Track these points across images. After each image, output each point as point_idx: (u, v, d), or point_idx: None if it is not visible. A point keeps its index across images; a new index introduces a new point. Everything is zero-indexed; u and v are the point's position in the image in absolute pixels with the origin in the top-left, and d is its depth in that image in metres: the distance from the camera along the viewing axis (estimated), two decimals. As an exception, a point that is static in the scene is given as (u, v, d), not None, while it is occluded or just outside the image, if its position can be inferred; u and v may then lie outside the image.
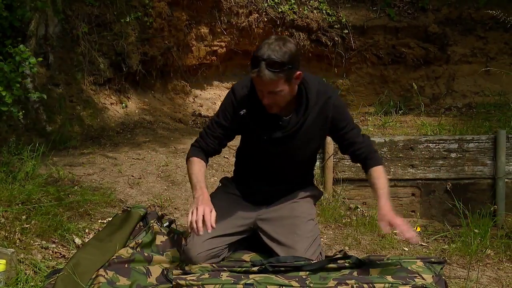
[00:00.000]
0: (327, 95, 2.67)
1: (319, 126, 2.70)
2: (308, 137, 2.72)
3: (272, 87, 2.46)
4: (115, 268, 2.55)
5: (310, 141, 2.74)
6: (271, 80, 2.43)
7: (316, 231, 2.86)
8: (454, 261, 3.15)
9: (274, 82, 2.44)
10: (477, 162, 4.05)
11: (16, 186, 3.61)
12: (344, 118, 2.73)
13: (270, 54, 2.40)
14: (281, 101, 2.56)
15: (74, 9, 6.41)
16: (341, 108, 2.73)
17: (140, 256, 2.64)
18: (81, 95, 6.24)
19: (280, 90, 2.48)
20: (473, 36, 7.53)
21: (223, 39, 7.48)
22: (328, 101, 2.66)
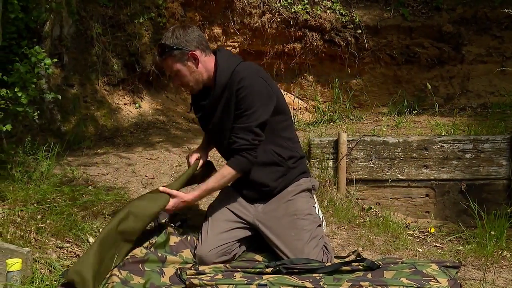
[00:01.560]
0: (238, 78, 2.78)
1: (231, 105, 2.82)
2: (225, 116, 2.85)
3: (168, 69, 2.90)
4: (129, 268, 2.56)
5: (228, 120, 2.85)
6: (163, 62, 2.85)
7: (315, 225, 2.86)
8: (469, 263, 3.13)
9: (167, 63, 2.84)
10: (492, 162, 4.01)
11: (32, 186, 3.64)
12: (246, 103, 2.77)
13: (162, 40, 2.81)
14: (186, 81, 2.87)
15: (89, 10, 6.45)
16: (248, 93, 2.76)
17: (154, 256, 2.65)
18: (95, 95, 6.28)
19: (177, 70, 2.84)
20: (489, 36, 7.46)
21: (236, 39, 7.49)
22: (238, 83, 2.77)
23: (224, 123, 2.85)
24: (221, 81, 2.79)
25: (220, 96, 2.81)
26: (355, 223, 3.83)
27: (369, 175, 4.30)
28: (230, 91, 2.79)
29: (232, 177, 2.82)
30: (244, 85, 2.75)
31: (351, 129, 5.49)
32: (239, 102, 2.76)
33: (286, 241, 2.76)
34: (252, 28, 7.39)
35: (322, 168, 4.38)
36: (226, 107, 2.81)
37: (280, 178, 2.93)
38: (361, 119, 6.45)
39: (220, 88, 2.80)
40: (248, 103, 2.75)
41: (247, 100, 2.75)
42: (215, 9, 7.21)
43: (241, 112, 2.77)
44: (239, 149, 2.77)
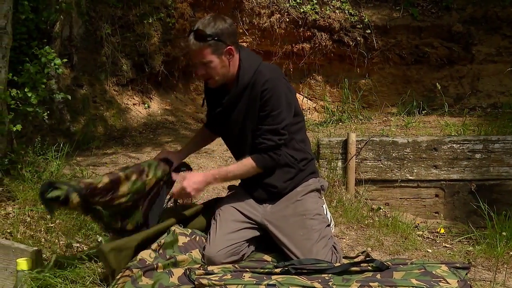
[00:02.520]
0: (264, 79, 2.77)
1: (254, 105, 2.79)
2: (246, 115, 2.82)
3: (200, 57, 2.72)
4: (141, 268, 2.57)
5: (248, 119, 2.82)
6: (198, 49, 2.69)
7: (323, 225, 2.86)
8: (479, 264, 3.11)
9: (201, 52, 2.70)
10: (502, 163, 3.98)
11: (41, 185, 3.65)
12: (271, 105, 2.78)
13: (199, 25, 2.69)
14: (213, 74, 2.77)
15: (98, 10, 6.48)
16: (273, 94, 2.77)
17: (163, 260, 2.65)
18: (105, 95, 6.31)
19: (209, 61, 2.72)
20: (499, 35, 7.41)
21: (245, 39, 7.50)
22: (263, 85, 2.76)
23: (246, 122, 2.84)
24: (244, 80, 2.80)
25: (241, 94, 2.81)
26: (364, 224, 3.82)
27: (378, 175, 4.28)
28: (254, 92, 2.78)
29: (253, 171, 2.84)
30: (269, 87, 2.76)
31: (360, 129, 5.48)
32: (264, 104, 2.77)
33: (295, 240, 2.76)
34: (261, 28, 7.40)
35: (331, 168, 4.37)
36: (249, 106, 2.81)
37: (290, 180, 2.93)
38: (370, 119, 6.43)
39: (242, 86, 2.80)
40: (273, 104, 2.77)
41: (272, 101, 2.77)
42: (224, 9, 7.22)
43: (267, 113, 2.78)
44: (265, 149, 2.80)
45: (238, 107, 2.83)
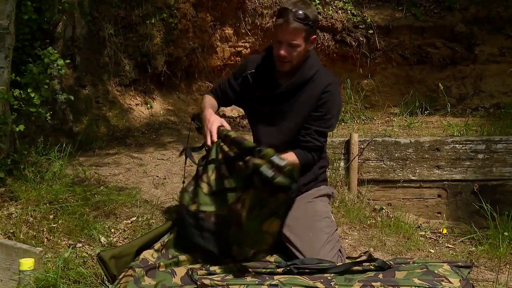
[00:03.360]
0: (328, 81, 2.81)
1: (311, 102, 2.80)
2: (298, 108, 2.81)
3: (293, 38, 2.68)
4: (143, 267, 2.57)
5: (299, 112, 2.81)
6: (295, 29, 2.65)
7: (333, 228, 2.87)
8: (481, 264, 3.10)
9: (296, 33, 2.66)
10: (505, 163, 3.98)
11: (44, 186, 3.66)
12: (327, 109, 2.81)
13: (298, 8, 2.65)
14: (294, 58, 2.74)
15: (101, 11, 6.49)
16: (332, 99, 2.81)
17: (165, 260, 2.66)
18: (107, 96, 6.32)
19: (297, 44, 2.70)
20: (502, 35, 7.40)
21: (247, 39, 7.50)
22: (327, 86, 2.80)
23: (295, 115, 2.83)
24: (307, 75, 2.81)
25: (301, 86, 2.81)
26: (367, 224, 3.82)
27: (381, 175, 4.28)
28: (316, 90, 2.80)
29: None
30: (331, 90, 2.81)
31: (363, 130, 5.48)
32: (321, 105, 2.80)
33: (304, 241, 2.76)
34: (264, 29, 7.40)
35: (334, 168, 4.37)
36: (305, 101, 2.82)
37: (304, 185, 2.95)
38: (372, 120, 6.43)
39: (302, 79, 2.80)
40: (329, 108, 2.82)
41: (329, 105, 2.81)
42: (227, 10, 7.22)
43: (321, 115, 2.81)
44: (311, 149, 2.83)
45: (294, 98, 2.82)
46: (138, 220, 3.46)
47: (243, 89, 2.94)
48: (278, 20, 2.69)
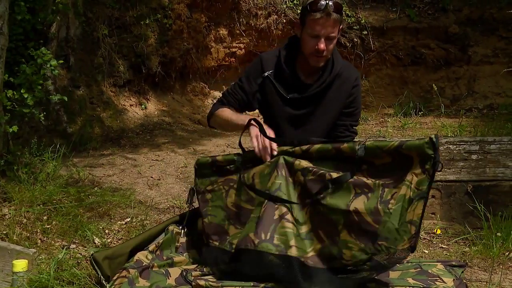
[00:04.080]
0: (355, 75, 2.74)
1: (340, 99, 2.71)
2: (328, 107, 2.70)
3: (333, 30, 2.54)
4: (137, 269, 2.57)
5: (330, 110, 2.71)
6: (335, 21, 2.51)
7: None
8: (475, 264, 3.11)
9: (335, 24, 2.52)
10: (499, 164, 3.98)
11: (38, 187, 3.65)
12: (357, 103, 2.76)
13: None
14: (330, 51, 2.60)
15: (95, 11, 6.48)
16: (359, 92, 2.78)
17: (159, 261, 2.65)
18: (101, 96, 6.31)
19: (335, 37, 2.57)
20: (495, 37, 7.44)
21: (242, 40, 7.50)
22: (355, 80, 2.72)
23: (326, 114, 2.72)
24: (335, 70, 2.69)
25: (329, 85, 2.69)
26: (361, 225, 3.81)
27: (375, 176, 4.28)
28: (346, 85, 2.71)
29: None
30: (359, 84, 2.76)
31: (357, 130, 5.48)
32: (353, 101, 2.74)
33: None
34: (258, 29, 7.41)
35: (328, 169, 4.37)
36: (334, 99, 2.71)
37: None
38: (367, 120, 6.44)
39: (332, 76, 2.68)
40: (359, 102, 2.78)
41: (359, 100, 2.77)
42: (221, 11, 7.22)
43: (353, 110, 2.75)
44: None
45: (325, 97, 2.70)
46: (132, 221, 3.45)
47: (265, 92, 2.73)
48: (315, 14, 2.50)
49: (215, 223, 2.63)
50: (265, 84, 2.72)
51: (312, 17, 2.51)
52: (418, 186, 2.13)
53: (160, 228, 2.89)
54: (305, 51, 2.63)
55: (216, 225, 2.62)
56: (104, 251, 2.61)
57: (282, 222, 2.34)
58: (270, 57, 2.76)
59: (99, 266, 2.52)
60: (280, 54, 2.72)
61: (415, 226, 2.14)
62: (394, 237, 2.13)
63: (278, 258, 2.30)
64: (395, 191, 2.16)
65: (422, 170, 2.13)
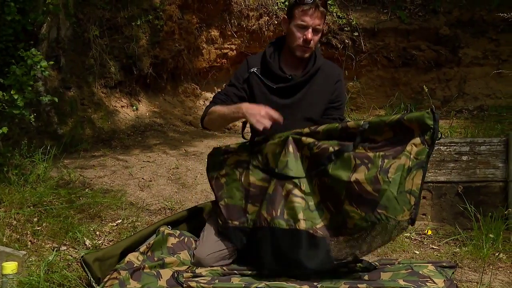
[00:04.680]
0: (338, 71, 2.87)
1: (324, 93, 2.80)
2: (313, 98, 2.79)
3: (320, 22, 2.69)
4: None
5: (315, 103, 2.79)
6: (322, 13, 2.68)
7: None
8: (465, 265, 3.13)
9: (322, 17, 2.69)
10: (489, 165, 4.01)
11: (28, 188, 3.63)
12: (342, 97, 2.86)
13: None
14: (315, 42, 2.75)
15: (86, 12, 6.45)
16: (343, 87, 2.89)
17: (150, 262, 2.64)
18: (93, 98, 6.28)
19: (321, 29, 2.72)
20: (485, 38, 7.48)
21: (233, 42, 7.50)
22: (338, 76, 2.84)
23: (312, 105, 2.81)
24: (318, 64, 2.81)
25: (312, 76, 2.80)
26: (352, 226, 3.82)
27: (366, 177, 4.29)
28: (328, 80, 2.82)
29: None
30: (342, 79, 2.86)
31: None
32: (337, 96, 2.83)
33: None
34: (250, 31, 7.41)
35: (319, 170, 4.37)
36: (319, 92, 2.81)
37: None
38: (358, 122, 6.44)
39: (315, 68, 2.80)
40: (343, 97, 2.88)
41: (342, 95, 2.87)
42: (213, 12, 7.22)
43: (338, 105, 2.84)
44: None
45: (308, 88, 2.80)
46: (123, 223, 3.45)
47: (252, 86, 2.85)
48: (304, 6, 2.67)
49: (232, 204, 2.72)
50: (252, 79, 2.84)
51: (302, 8, 2.67)
52: (417, 156, 2.22)
53: (151, 229, 2.89)
54: (292, 43, 2.76)
55: (233, 206, 2.71)
56: (95, 253, 2.60)
57: (290, 197, 2.45)
58: (255, 56, 2.92)
59: (90, 268, 2.52)
60: (265, 52, 2.86)
61: (415, 196, 2.22)
62: (394, 206, 2.21)
63: (287, 233, 2.43)
64: (394, 161, 2.24)
65: (422, 140, 2.24)
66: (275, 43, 2.91)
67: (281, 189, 2.49)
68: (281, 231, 2.44)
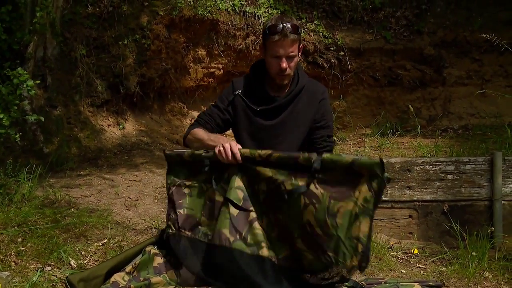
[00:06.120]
0: (321, 89, 2.90)
1: (309, 112, 2.84)
2: (298, 118, 2.83)
3: (292, 49, 2.73)
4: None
5: (300, 123, 2.83)
6: (292, 41, 2.71)
7: None
8: (452, 284, 3.14)
9: (293, 44, 2.73)
10: (473, 184, 4.04)
11: (13, 208, 3.60)
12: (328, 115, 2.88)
13: (288, 21, 2.72)
14: (292, 68, 2.79)
15: (73, 31, 6.46)
16: (328, 105, 2.92)
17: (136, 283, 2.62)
18: (79, 116, 6.26)
19: (295, 55, 2.76)
20: (469, 59, 7.59)
21: (220, 61, 7.53)
22: (322, 94, 2.88)
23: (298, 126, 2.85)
24: (301, 84, 2.86)
25: (295, 97, 2.84)
26: (339, 245, 3.82)
27: (353, 196, 4.30)
28: (312, 99, 2.85)
29: None
30: (326, 97, 2.90)
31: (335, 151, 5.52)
32: (323, 114, 2.86)
33: None
34: (236, 50, 7.45)
35: (306, 189, 4.37)
36: (303, 112, 2.85)
37: None
38: (344, 141, 6.49)
39: (298, 89, 2.85)
40: (329, 115, 2.91)
41: (328, 113, 2.89)
42: (200, 31, 7.25)
43: (325, 123, 2.86)
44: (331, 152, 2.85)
45: (292, 109, 2.84)
46: (109, 242, 3.42)
47: (236, 108, 2.90)
48: (273, 37, 2.72)
49: (189, 214, 2.75)
50: (236, 101, 2.89)
51: (271, 39, 2.73)
52: (364, 203, 2.26)
53: (137, 249, 2.87)
54: (271, 72, 2.82)
55: (189, 216, 2.75)
56: (80, 273, 2.58)
57: (255, 224, 2.51)
58: (240, 79, 2.96)
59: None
60: (250, 74, 2.92)
61: (362, 244, 2.26)
62: (342, 251, 2.29)
63: (251, 259, 2.46)
64: (341, 204, 2.29)
65: (369, 187, 2.26)
66: (259, 65, 2.94)
67: (247, 214, 2.53)
68: (245, 255, 2.47)
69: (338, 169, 2.33)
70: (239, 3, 7.35)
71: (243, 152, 2.56)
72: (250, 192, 2.56)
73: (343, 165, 2.31)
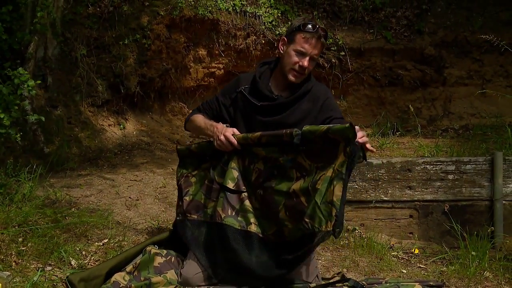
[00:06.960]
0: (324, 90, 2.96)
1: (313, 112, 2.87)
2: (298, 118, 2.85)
3: (317, 52, 2.82)
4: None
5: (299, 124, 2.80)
6: (322, 45, 2.83)
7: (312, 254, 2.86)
8: (452, 284, 3.14)
9: (321, 48, 2.83)
10: (474, 184, 4.05)
11: (13, 208, 3.59)
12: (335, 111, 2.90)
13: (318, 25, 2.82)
14: (309, 71, 2.86)
15: (73, 31, 6.46)
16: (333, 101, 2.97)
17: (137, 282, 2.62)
18: (79, 116, 6.26)
19: (316, 59, 2.87)
20: (469, 59, 7.59)
21: (221, 61, 7.53)
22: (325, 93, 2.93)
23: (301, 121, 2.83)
24: (308, 86, 2.89)
25: (299, 98, 2.86)
26: (340, 245, 3.83)
27: (353, 196, 4.31)
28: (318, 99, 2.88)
29: None
30: (330, 96, 2.95)
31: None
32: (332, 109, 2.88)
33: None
34: (237, 50, 7.44)
35: (307, 189, 4.38)
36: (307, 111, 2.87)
37: None
38: (345, 141, 6.45)
39: (304, 91, 2.87)
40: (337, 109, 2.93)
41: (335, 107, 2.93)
42: (200, 31, 7.25)
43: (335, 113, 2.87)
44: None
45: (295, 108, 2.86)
46: (109, 242, 3.42)
47: (237, 104, 2.94)
48: (306, 33, 2.76)
49: (194, 199, 2.89)
50: (238, 98, 2.94)
51: (303, 35, 2.77)
52: (339, 168, 2.37)
53: (138, 249, 2.88)
54: (287, 66, 2.84)
55: (195, 201, 2.88)
56: (80, 273, 2.58)
57: (246, 202, 2.67)
58: (247, 75, 3.01)
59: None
60: (256, 71, 2.97)
61: (335, 208, 2.34)
62: (318, 216, 2.37)
63: (239, 234, 2.60)
64: (323, 172, 2.40)
65: (344, 153, 2.36)
66: (268, 62, 2.98)
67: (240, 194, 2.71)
68: (233, 230, 2.61)
69: (318, 140, 2.44)
70: (239, 3, 7.35)
71: (238, 138, 2.71)
72: (243, 171, 2.72)
73: (320, 134, 2.42)
